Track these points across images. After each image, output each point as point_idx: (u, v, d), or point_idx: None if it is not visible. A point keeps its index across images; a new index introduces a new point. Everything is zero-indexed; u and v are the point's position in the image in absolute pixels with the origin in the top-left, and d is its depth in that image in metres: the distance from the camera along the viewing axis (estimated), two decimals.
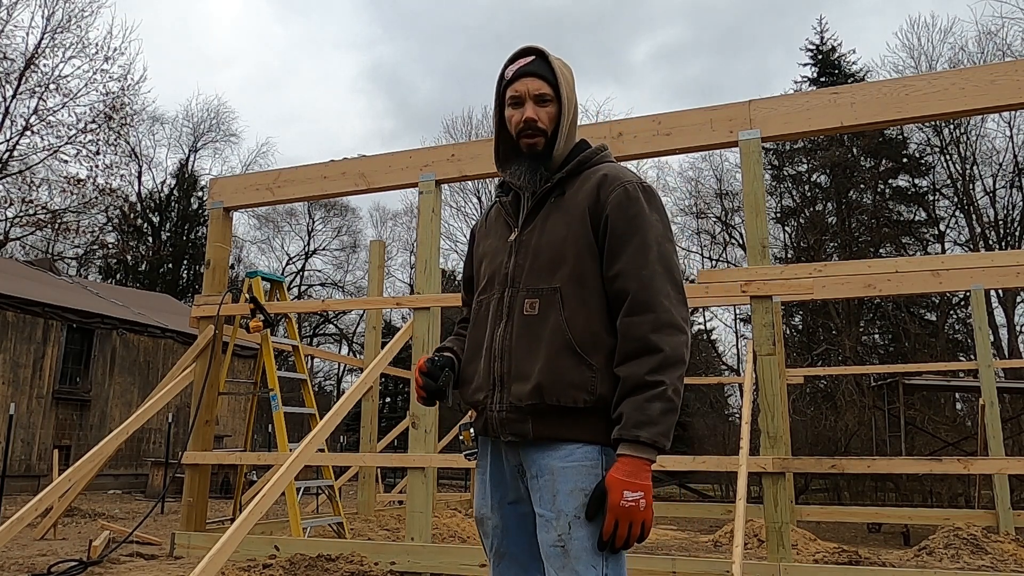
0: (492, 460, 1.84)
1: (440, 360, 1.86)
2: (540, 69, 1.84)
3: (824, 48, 25.09)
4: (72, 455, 13.53)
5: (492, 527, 1.82)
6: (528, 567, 1.79)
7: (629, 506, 1.58)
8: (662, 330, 1.66)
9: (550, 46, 1.89)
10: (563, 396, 1.68)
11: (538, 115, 1.82)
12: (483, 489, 1.86)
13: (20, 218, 25.14)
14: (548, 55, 1.86)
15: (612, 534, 1.58)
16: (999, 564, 6.32)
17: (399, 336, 6.73)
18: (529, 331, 1.74)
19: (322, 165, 6.99)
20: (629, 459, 1.61)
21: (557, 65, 1.85)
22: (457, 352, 1.96)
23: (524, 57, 1.87)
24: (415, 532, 5.69)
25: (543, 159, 1.85)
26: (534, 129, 1.83)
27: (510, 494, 1.81)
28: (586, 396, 1.68)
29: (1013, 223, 22.10)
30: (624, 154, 5.80)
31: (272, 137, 60.48)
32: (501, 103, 1.90)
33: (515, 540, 1.80)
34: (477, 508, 1.88)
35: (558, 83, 1.83)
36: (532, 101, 1.83)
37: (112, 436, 6.43)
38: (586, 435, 1.69)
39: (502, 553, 1.81)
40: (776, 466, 5.13)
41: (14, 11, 23.72)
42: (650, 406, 1.61)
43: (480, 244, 2.01)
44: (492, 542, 1.83)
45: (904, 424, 13.27)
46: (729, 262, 26.86)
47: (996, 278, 8.27)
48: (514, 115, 1.85)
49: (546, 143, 1.84)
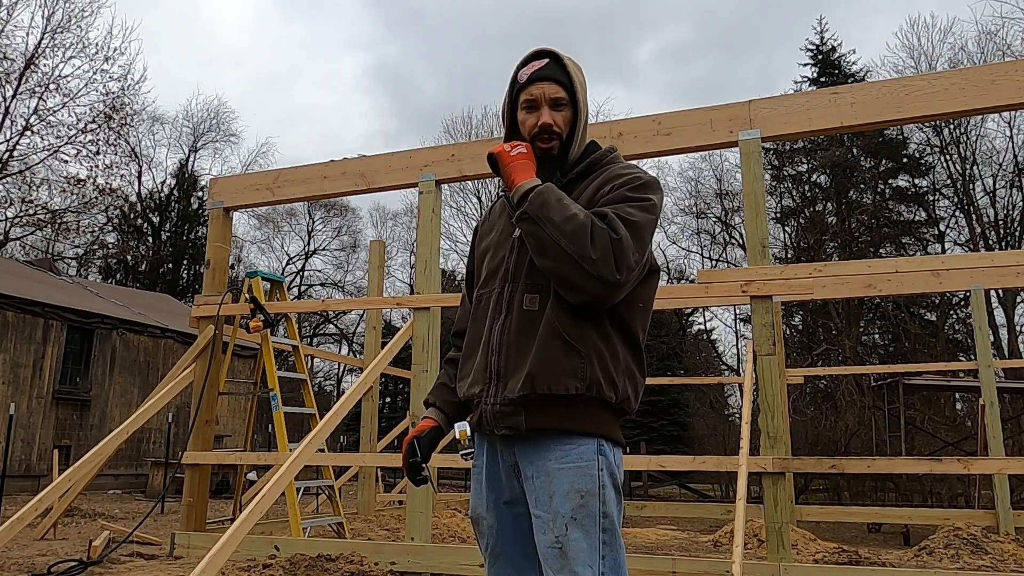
0: (488, 459, 1.84)
1: (419, 450, 1.86)
2: (555, 73, 1.83)
3: (824, 48, 25.08)
4: (72, 455, 13.52)
5: (487, 527, 1.82)
6: (522, 568, 1.79)
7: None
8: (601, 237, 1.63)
9: (555, 45, 1.88)
10: (554, 384, 1.67)
11: (555, 120, 1.82)
12: (479, 489, 1.85)
13: (20, 218, 25.14)
14: (563, 58, 1.85)
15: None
16: (999, 564, 6.32)
17: (399, 336, 6.73)
18: (527, 326, 1.73)
19: (322, 165, 6.99)
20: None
21: (572, 68, 1.84)
22: (441, 406, 1.97)
23: (538, 60, 1.85)
24: (415, 532, 5.69)
25: (558, 163, 1.84)
26: (550, 134, 1.82)
27: (505, 494, 1.80)
28: (577, 383, 1.66)
29: (1013, 223, 22.10)
30: (624, 154, 5.74)
31: (273, 137, 60.55)
32: (514, 106, 1.89)
33: (510, 540, 1.79)
34: (473, 508, 1.87)
35: (574, 87, 1.82)
36: (548, 106, 1.82)
37: (112, 436, 6.43)
38: (580, 424, 1.68)
39: (497, 553, 1.81)
40: (776, 466, 5.13)
41: (14, 11, 23.73)
42: (562, 204, 1.68)
43: (482, 240, 2.01)
44: (487, 542, 1.82)
45: (904, 424, 13.26)
46: (729, 262, 26.88)
47: (996, 278, 8.26)
48: (528, 119, 1.84)
49: (560, 147, 1.84)
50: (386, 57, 59.42)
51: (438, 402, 1.98)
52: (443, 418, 1.95)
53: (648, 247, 1.75)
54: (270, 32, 59.15)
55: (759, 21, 47.53)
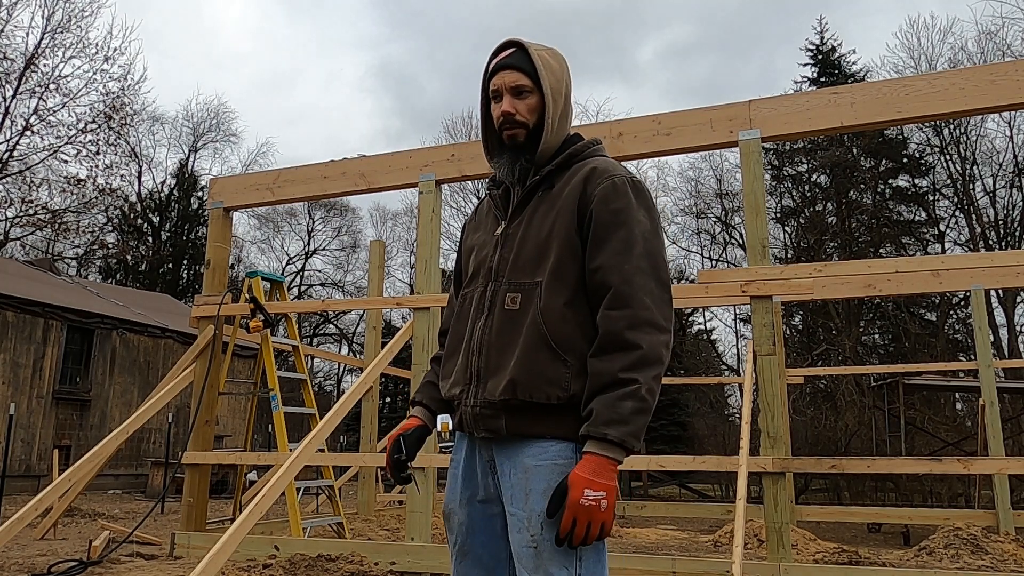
0: (466, 455, 1.81)
1: (404, 448, 1.86)
2: (518, 61, 1.80)
3: (824, 48, 25.06)
4: (72, 455, 13.53)
5: (458, 523, 1.78)
6: (492, 568, 1.75)
7: (589, 505, 1.51)
8: (640, 327, 1.60)
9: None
10: (536, 392, 1.64)
11: (516, 108, 1.79)
12: (454, 483, 1.82)
13: (20, 218, 25.14)
14: (527, 45, 1.82)
15: (570, 532, 1.54)
16: (999, 564, 6.32)
17: (399, 336, 6.73)
18: (509, 326, 1.70)
19: (322, 165, 6.99)
20: (595, 457, 1.55)
21: (537, 55, 1.81)
22: (427, 403, 1.96)
23: (505, 50, 1.84)
24: (415, 532, 5.69)
25: (524, 151, 1.81)
26: (512, 122, 1.80)
27: (480, 492, 1.77)
28: (560, 393, 1.63)
29: (1013, 223, 22.10)
30: (624, 154, 5.80)
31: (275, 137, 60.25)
32: (487, 98, 1.89)
33: (480, 540, 1.76)
34: (445, 503, 1.84)
35: (537, 74, 1.79)
36: (509, 94, 1.80)
37: (112, 436, 6.43)
38: (560, 431, 1.65)
39: (465, 551, 1.77)
40: (776, 466, 5.13)
41: (14, 11, 23.75)
42: (621, 404, 1.55)
43: (469, 237, 1.99)
44: (456, 539, 1.78)
45: (904, 424, 13.26)
46: (729, 262, 26.87)
47: (996, 278, 8.27)
48: (495, 109, 1.83)
49: (528, 135, 1.81)
50: (389, 57, 59.48)
51: (425, 400, 1.96)
52: (429, 416, 1.94)
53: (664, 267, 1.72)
54: (273, 32, 59.24)
55: (762, 20, 47.57)
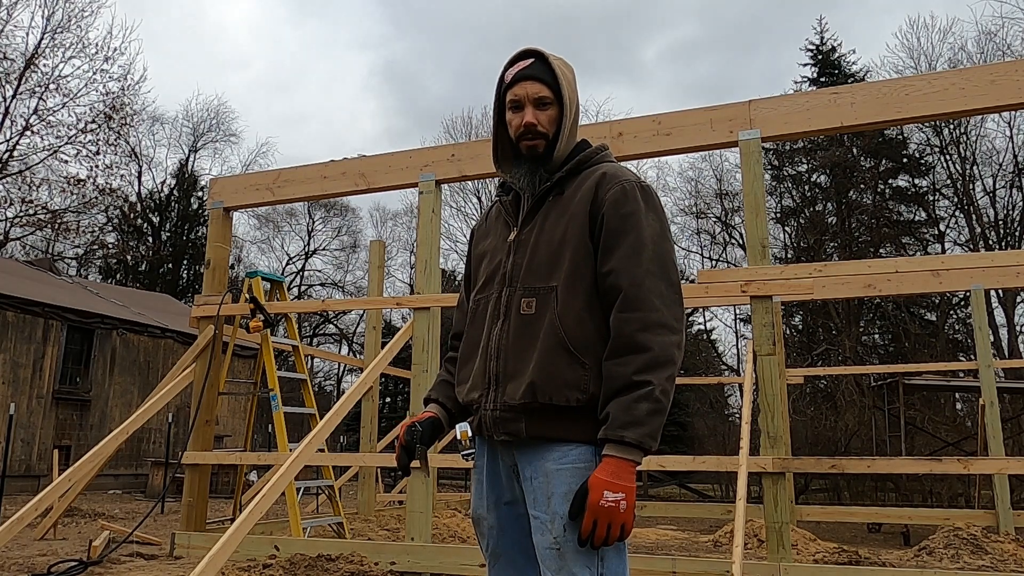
0: (488, 460, 1.84)
1: (420, 429, 1.86)
2: (540, 72, 1.83)
3: (824, 48, 25.06)
4: (72, 455, 13.52)
5: (488, 527, 1.83)
6: (523, 568, 1.79)
7: (609, 506, 1.56)
8: (651, 329, 1.64)
9: (561, 44, 1.91)
10: (556, 395, 1.67)
11: (538, 119, 1.82)
12: (480, 489, 1.86)
13: (20, 218, 25.16)
14: (548, 56, 1.85)
15: (591, 533, 1.57)
16: (999, 564, 6.32)
17: (399, 336, 6.73)
18: (525, 330, 1.74)
19: (322, 165, 6.99)
20: (613, 460, 1.59)
21: (557, 66, 1.84)
22: (443, 402, 1.96)
23: (523, 60, 1.86)
24: (415, 532, 5.69)
25: (543, 161, 1.85)
26: (534, 133, 1.82)
27: (506, 495, 1.81)
28: (579, 395, 1.67)
29: (1013, 223, 22.09)
30: (624, 154, 5.80)
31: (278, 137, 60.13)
32: (501, 106, 1.90)
33: (510, 541, 1.80)
34: (474, 508, 1.88)
35: (559, 85, 1.83)
36: (532, 105, 1.82)
37: (112, 436, 6.43)
38: (579, 435, 1.68)
39: (498, 554, 1.82)
40: (776, 466, 5.13)
41: (14, 11, 23.75)
42: (637, 406, 1.59)
43: (479, 243, 2.01)
44: (488, 542, 1.83)
45: (904, 424, 13.26)
46: (729, 262, 26.87)
47: (996, 278, 8.27)
48: (514, 119, 1.85)
49: (547, 145, 1.84)
50: (393, 57, 59.46)
51: (440, 398, 1.98)
52: (444, 414, 1.95)
53: (674, 269, 1.75)
54: (277, 32, 59.20)
55: (766, 20, 47.49)
